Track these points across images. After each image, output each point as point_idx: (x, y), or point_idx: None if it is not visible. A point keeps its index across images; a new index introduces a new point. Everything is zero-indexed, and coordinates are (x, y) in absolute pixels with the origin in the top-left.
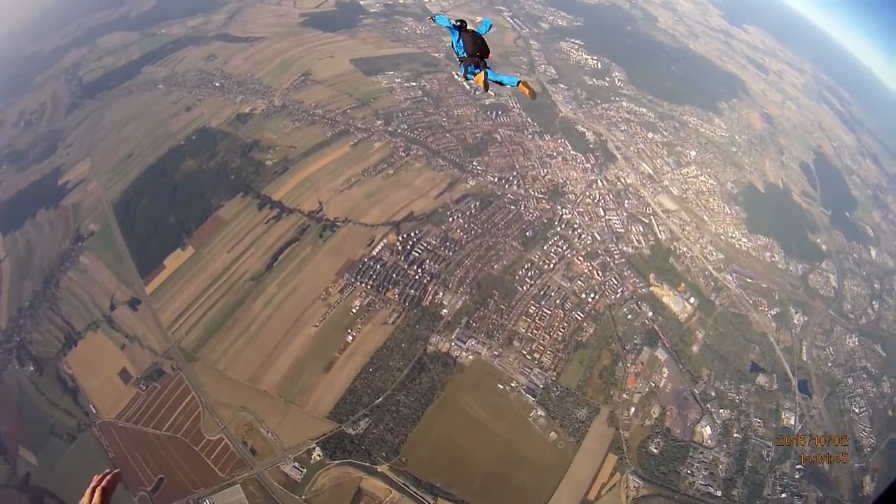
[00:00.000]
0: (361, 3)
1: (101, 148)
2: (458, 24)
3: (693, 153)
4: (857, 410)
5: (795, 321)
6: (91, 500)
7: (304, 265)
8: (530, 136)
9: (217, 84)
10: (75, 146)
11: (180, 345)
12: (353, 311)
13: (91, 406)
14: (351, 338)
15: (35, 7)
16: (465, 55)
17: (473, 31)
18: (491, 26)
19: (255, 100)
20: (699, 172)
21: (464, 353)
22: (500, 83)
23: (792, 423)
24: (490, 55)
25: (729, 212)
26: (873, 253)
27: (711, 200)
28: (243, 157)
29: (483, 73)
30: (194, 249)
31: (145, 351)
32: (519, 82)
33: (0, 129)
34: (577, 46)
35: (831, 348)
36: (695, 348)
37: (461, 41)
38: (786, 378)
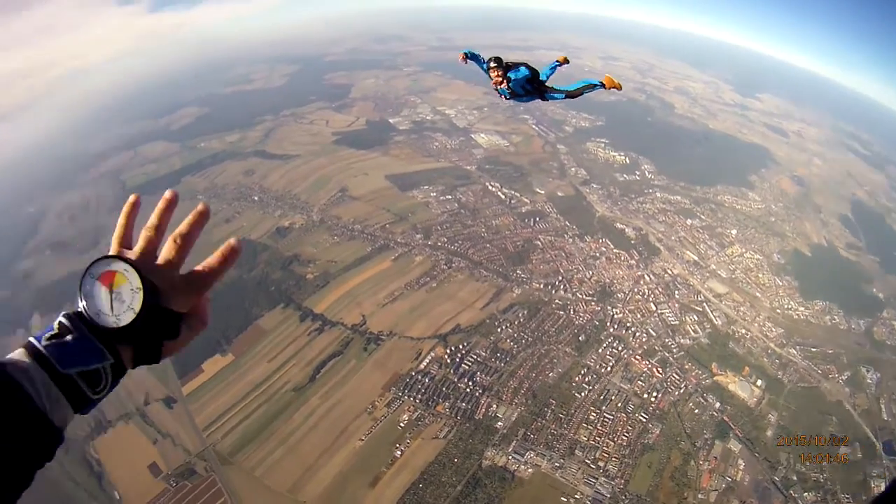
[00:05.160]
0: (391, 121)
1: None
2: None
3: (734, 232)
4: None
5: (868, 380)
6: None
7: (349, 379)
8: (571, 240)
9: (256, 198)
10: None
11: (216, 448)
12: (402, 425)
13: (116, 492)
14: (399, 452)
15: (76, 110)
16: (543, 78)
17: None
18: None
19: (293, 214)
20: (744, 250)
21: (522, 466)
22: (579, 91)
23: (883, 489)
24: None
25: (780, 283)
26: None
27: (761, 275)
28: (284, 270)
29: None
30: (234, 357)
31: (178, 448)
32: (601, 81)
33: (45, 218)
34: (602, 145)
35: None
36: (769, 433)
37: (525, 71)
38: (869, 443)
